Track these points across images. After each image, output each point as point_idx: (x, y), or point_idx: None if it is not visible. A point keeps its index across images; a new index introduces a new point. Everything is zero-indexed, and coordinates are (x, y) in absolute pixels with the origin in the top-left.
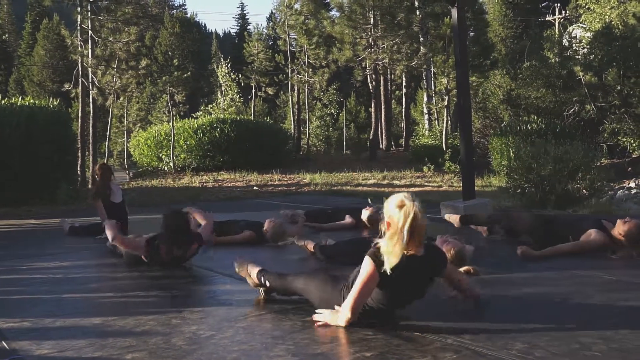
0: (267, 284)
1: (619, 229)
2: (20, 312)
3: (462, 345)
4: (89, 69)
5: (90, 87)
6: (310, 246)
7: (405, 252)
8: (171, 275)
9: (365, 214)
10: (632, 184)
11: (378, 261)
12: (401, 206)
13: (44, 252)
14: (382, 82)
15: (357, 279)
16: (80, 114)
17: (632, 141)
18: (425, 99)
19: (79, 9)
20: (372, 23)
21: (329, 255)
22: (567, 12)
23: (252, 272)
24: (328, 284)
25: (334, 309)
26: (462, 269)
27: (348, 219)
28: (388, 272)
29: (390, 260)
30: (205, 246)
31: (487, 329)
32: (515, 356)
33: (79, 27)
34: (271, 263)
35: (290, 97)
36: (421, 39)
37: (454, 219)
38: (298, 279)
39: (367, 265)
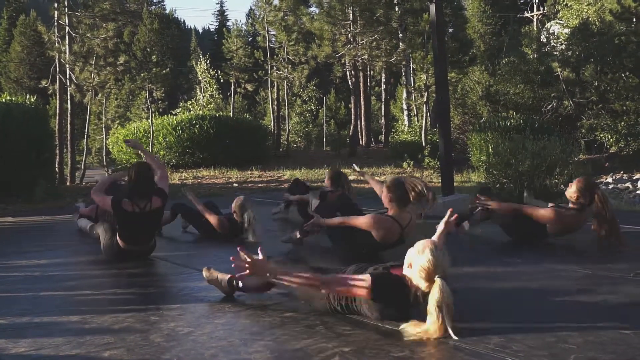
0: (240, 284)
1: (570, 192)
2: None
3: (440, 339)
4: (67, 66)
5: (68, 84)
6: (296, 234)
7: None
8: (149, 272)
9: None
10: (610, 179)
11: (379, 286)
12: (428, 276)
13: (20, 250)
14: (361, 78)
15: (348, 278)
16: (58, 111)
17: (609, 137)
18: (404, 95)
19: (55, 4)
20: (351, 19)
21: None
22: (545, 8)
23: (223, 280)
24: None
25: (316, 297)
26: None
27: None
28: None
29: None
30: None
31: (464, 323)
32: (492, 350)
33: (56, 23)
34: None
35: (269, 94)
36: (400, 35)
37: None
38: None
39: (364, 280)
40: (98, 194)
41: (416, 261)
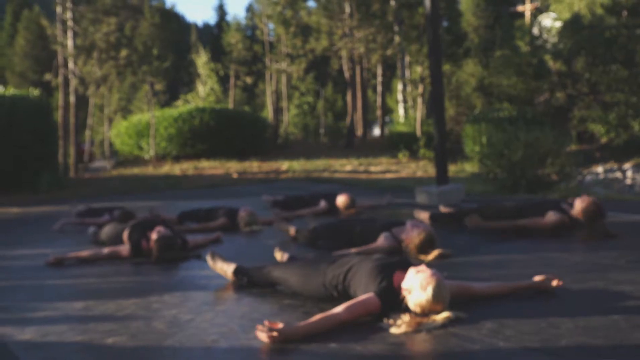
0: (245, 280)
1: (577, 207)
2: (2, 299)
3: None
4: (70, 59)
5: (71, 77)
6: (292, 231)
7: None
8: (151, 261)
9: (340, 200)
10: (600, 169)
11: (386, 301)
12: (423, 312)
13: (25, 239)
14: (358, 70)
15: (356, 302)
16: (62, 104)
17: (600, 128)
18: (400, 87)
19: None
20: (347, 13)
21: (309, 238)
22: (538, 2)
23: (228, 270)
24: (307, 267)
25: (313, 289)
26: (433, 254)
27: (323, 204)
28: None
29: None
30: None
31: (458, 309)
32: (485, 335)
33: (59, 18)
34: (248, 249)
35: (268, 86)
36: (396, 28)
37: (423, 216)
38: (275, 268)
39: (372, 302)
40: (110, 247)
41: (415, 293)
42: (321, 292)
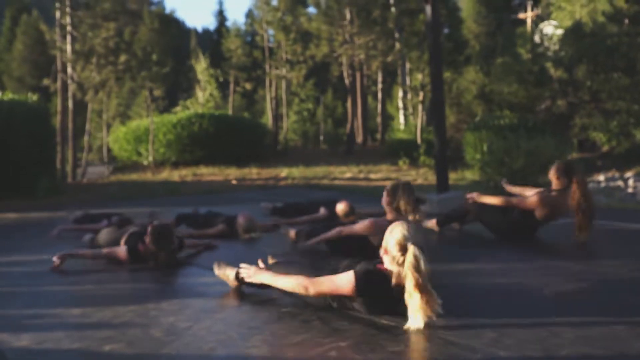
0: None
1: (551, 175)
2: None
3: (435, 334)
4: (68, 65)
5: (70, 82)
6: (292, 234)
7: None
8: (148, 267)
9: (339, 207)
10: (602, 177)
11: (362, 282)
12: (402, 248)
13: (23, 245)
14: (358, 77)
15: (333, 278)
16: (60, 109)
17: (601, 136)
18: (400, 94)
19: (57, 4)
20: (348, 19)
21: (308, 237)
22: (539, 9)
23: (230, 275)
24: (307, 271)
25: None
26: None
27: (322, 211)
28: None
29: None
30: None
31: (458, 318)
32: (486, 344)
33: (58, 23)
34: (246, 255)
35: (267, 92)
36: (396, 35)
37: (430, 224)
38: (275, 268)
39: (346, 276)
40: (108, 248)
41: (390, 241)
42: (320, 301)
